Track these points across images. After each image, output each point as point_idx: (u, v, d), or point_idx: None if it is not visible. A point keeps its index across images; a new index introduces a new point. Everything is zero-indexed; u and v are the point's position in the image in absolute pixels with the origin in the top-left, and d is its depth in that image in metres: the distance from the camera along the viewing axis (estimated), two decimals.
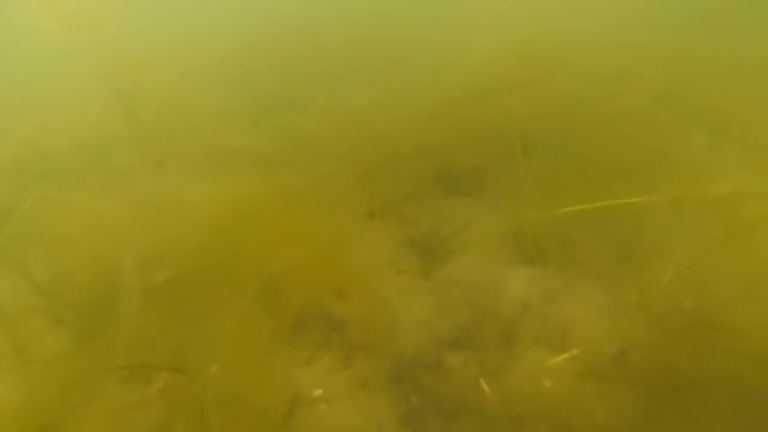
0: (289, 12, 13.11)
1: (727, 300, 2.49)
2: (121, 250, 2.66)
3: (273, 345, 2.97)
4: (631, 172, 3.00)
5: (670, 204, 2.54)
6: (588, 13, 6.31)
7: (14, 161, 5.04)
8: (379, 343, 2.99)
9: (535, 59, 4.31)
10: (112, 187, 3.81)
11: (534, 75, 4.19)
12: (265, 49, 8.93)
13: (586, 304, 2.99)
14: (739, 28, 5.87)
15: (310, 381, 2.83)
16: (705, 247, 2.60)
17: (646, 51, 4.32)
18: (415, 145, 4.26)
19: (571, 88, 3.93)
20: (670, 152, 3.02)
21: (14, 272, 2.87)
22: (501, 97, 3.96)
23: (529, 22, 5.23)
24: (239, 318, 2.65)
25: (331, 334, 3.09)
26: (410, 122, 4.24)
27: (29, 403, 2.23)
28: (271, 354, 2.93)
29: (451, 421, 2.50)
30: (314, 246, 3.27)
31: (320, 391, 2.73)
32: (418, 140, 4.26)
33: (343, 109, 4.52)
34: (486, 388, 2.61)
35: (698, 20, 5.87)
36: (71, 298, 2.58)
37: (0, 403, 2.24)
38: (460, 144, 4.27)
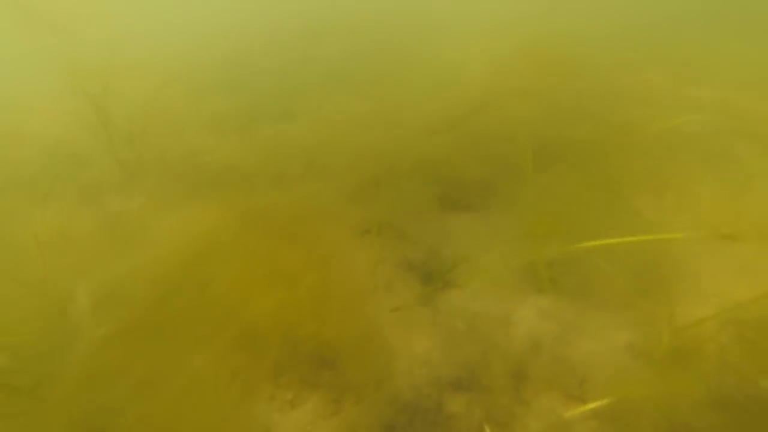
0: (282, 15, 12.73)
1: None
2: (78, 281, 2.32)
3: (252, 384, 2.63)
4: (659, 193, 2.66)
5: (711, 236, 2.20)
6: (603, 14, 5.88)
7: None
8: (372, 384, 2.65)
9: (546, 65, 3.98)
10: (75, 204, 3.47)
11: (545, 82, 3.85)
12: (255, 53, 8.57)
13: (608, 342, 2.65)
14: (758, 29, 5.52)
15: (293, 428, 2.49)
16: (754, 287, 2.26)
17: (665, 55, 3.97)
18: (415, 157, 3.92)
19: (586, 96, 3.59)
20: (703, 171, 2.68)
21: None
22: (509, 106, 3.62)
23: (540, 25, 4.86)
24: (212, 355, 2.31)
25: (318, 371, 2.75)
26: (410, 132, 3.90)
27: None
28: (250, 395, 2.59)
29: None
30: (301, 270, 2.94)
31: None
32: (419, 152, 3.92)
33: (338, 119, 4.16)
34: None
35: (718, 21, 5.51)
36: (11, 339, 2.24)
37: None
38: (464, 156, 3.93)
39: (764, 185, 2.52)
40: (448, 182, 4.00)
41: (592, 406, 2.26)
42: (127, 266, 2.36)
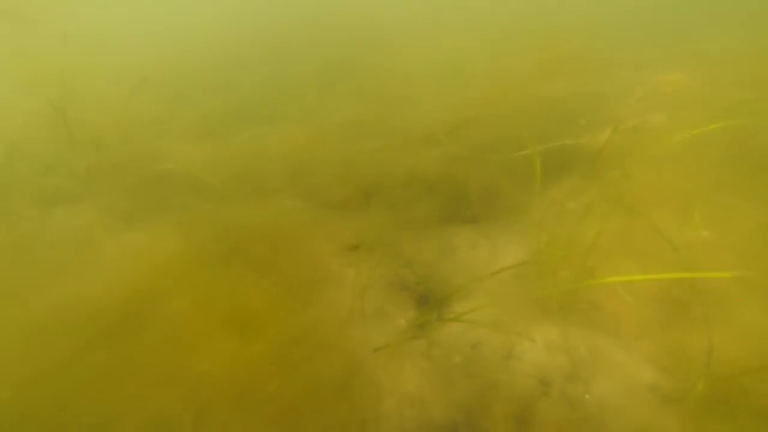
0: (269, 15, 12.41)
1: None
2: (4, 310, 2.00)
3: None
4: (688, 213, 2.29)
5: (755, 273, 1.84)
6: (619, 6, 5.41)
7: None
8: (355, 428, 2.31)
9: (556, 64, 3.63)
10: (16, 217, 3.15)
11: (555, 83, 3.50)
12: (240, 55, 8.21)
13: (628, 383, 2.28)
14: None
15: None
16: None
17: (692, 51, 3.57)
18: (411, 164, 3.59)
19: (602, 99, 3.23)
20: (741, 188, 2.30)
21: None
22: (515, 110, 3.28)
23: (550, 20, 4.46)
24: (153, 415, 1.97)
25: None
26: (406, 137, 3.57)
27: None
28: None
29: None
30: (271, 307, 2.61)
31: None
32: (416, 159, 3.58)
33: (326, 124, 3.83)
34: None
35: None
36: None
37: None
38: (465, 163, 3.59)
39: None
40: (447, 192, 3.66)
41: None
42: (57, 297, 2.04)
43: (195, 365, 1.90)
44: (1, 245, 2.59)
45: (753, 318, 2.05)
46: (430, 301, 2.94)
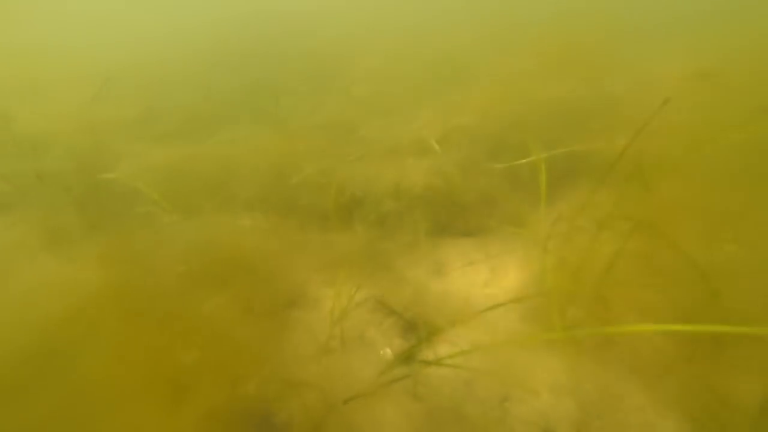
0: (244, 9, 11.93)
1: None
2: None
3: None
4: (727, 239, 1.92)
5: None
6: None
7: None
8: None
9: (566, 59, 3.27)
10: None
11: (564, 81, 3.14)
12: (211, 50, 7.71)
13: None
14: None
15: None
16: None
17: (732, 44, 3.15)
18: (403, 171, 3.24)
19: (618, 98, 2.87)
20: None
21: None
22: (519, 111, 2.92)
23: (559, 11, 4.06)
24: None
25: None
26: (398, 141, 3.23)
27: None
28: None
29: None
30: (239, 323, 2.27)
31: None
32: (408, 164, 3.23)
33: (305, 126, 3.47)
34: None
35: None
36: None
37: None
38: (462, 170, 3.23)
39: None
40: (440, 203, 3.30)
41: None
42: None
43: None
44: None
45: None
46: (419, 329, 2.59)
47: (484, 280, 2.77)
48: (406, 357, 2.29)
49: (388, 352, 2.45)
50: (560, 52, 3.26)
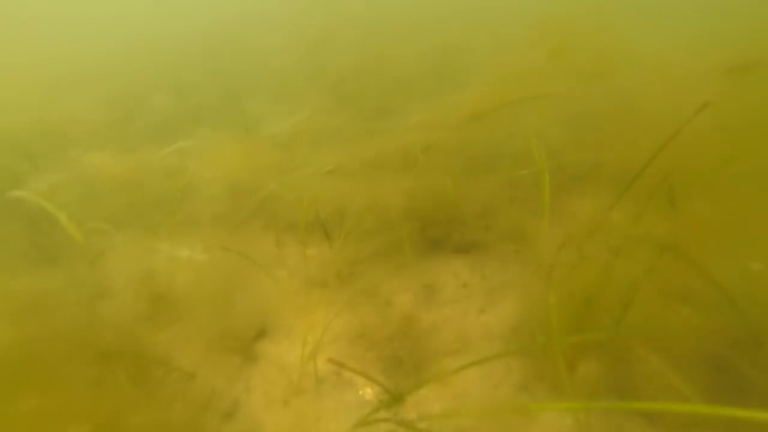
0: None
1: None
2: None
3: None
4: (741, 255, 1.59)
5: None
6: None
7: None
8: None
9: (575, 54, 2.92)
10: None
11: (573, 79, 2.80)
12: (180, 44, 7.25)
13: None
14: None
15: None
16: None
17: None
18: (392, 179, 2.90)
19: (637, 97, 2.52)
20: None
21: None
22: (521, 113, 2.57)
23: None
24: None
25: None
26: (387, 145, 2.88)
27: None
28: None
29: None
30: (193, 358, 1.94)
31: None
32: (397, 171, 2.89)
33: (274, 131, 3.12)
34: None
35: None
36: None
37: None
38: (458, 178, 2.90)
39: None
40: (435, 213, 2.96)
41: None
42: None
43: None
44: None
45: None
46: (405, 363, 2.25)
47: (479, 307, 2.43)
48: (387, 405, 1.96)
49: (368, 393, 2.12)
50: (565, 42, 2.91)
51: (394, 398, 1.94)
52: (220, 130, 2.82)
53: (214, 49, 7.65)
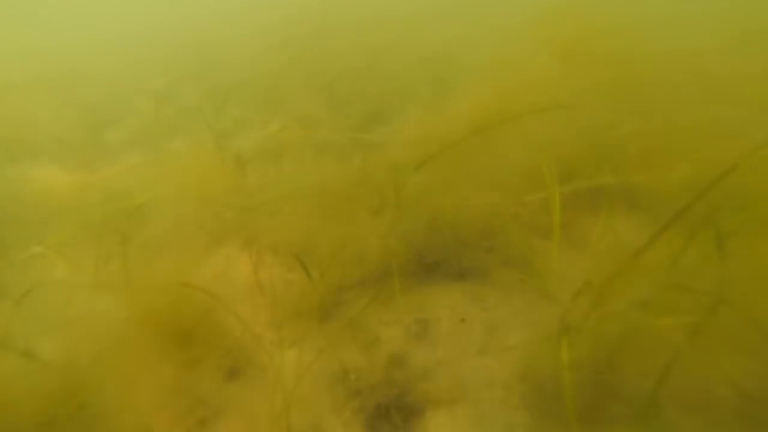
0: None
1: None
2: None
3: None
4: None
5: None
6: None
7: None
8: None
9: (588, 61, 2.61)
10: None
11: (586, 88, 2.48)
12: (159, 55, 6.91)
13: None
14: None
15: None
16: None
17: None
18: (383, 195, 2.60)
19: (657, 109, 2.20)
20: None
21: None
22: (528, 125, 2.25)
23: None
24: None
25: None
26: (378, 158, 2.57)
27: None
28: None
29: None
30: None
31: None
32: (390, 186, 2.58)
33: (243, 146, 2.79)
34: None
35: None
36: None
37: None
38: (458, 196, 2.58)
39: None
40: (431, 234, 2.65)
41: None
42: None
43: None
44: None
45: None
46: (391, 415, 1.93)
47: (479, 347, 2.12)
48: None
49: None
50: (581, 43, 2.57)
51: None
52: (192, 142, 2.51)
53: (200, 50, 7.32)
